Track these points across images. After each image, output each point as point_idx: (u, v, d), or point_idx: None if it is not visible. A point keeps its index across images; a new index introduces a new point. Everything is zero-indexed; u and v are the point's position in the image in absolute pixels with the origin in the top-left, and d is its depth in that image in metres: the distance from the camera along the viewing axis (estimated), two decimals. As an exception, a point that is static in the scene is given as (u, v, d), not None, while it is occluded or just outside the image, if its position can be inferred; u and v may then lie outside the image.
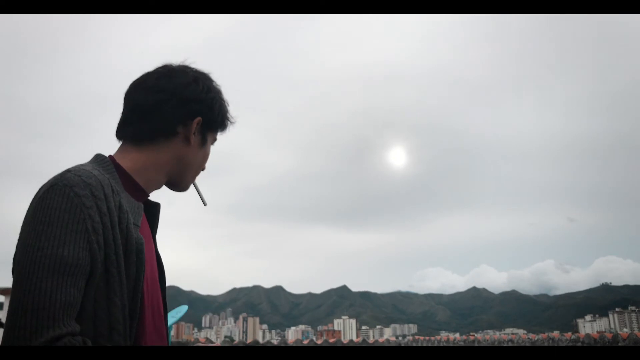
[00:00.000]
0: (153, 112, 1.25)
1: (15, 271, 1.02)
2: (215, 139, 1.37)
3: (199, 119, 1.27)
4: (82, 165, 1.14)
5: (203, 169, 1.38)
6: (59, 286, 0.97)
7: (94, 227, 1.03)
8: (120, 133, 1.28)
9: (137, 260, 1.11)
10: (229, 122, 1.38)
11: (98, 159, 1.20)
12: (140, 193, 1.23)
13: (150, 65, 1.32)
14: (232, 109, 1.41)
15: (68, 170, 1.09)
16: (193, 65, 1.34)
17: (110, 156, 1.23)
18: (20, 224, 1.08)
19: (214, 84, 1.34)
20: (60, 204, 1.02)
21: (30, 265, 0.98)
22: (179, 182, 1.32)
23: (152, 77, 1.29)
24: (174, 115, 1.25)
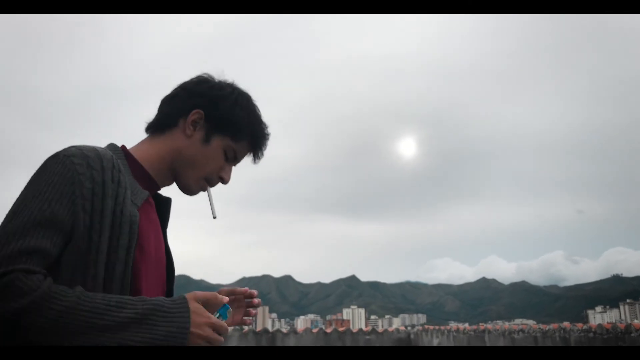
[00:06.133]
0: (164, 104, 1.33)
1: None
2: (231, 149, 1.33)
3: (197, 110, 1.29)
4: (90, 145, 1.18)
5: (224, 181, 1.36)
6: (29, 233, 0.99)
7: (82, 192, 1.06)
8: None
9: (131, 230, 1.11)
10: (248, 138, 1.34)
11: (111, 147, 1.25)
12: (151, 183, 1.27)
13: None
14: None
15: (72, 145, 1.14)
16: (227, 79, 1.35)
17: (122, 146, 1.27)
18: None
19: (247, 101, 1.34)
20: (53, 168, 1.07)
21: (9, 215, 1.02)
22: (180, 178, 1.32)
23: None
24: (178, 107, 1.30)
